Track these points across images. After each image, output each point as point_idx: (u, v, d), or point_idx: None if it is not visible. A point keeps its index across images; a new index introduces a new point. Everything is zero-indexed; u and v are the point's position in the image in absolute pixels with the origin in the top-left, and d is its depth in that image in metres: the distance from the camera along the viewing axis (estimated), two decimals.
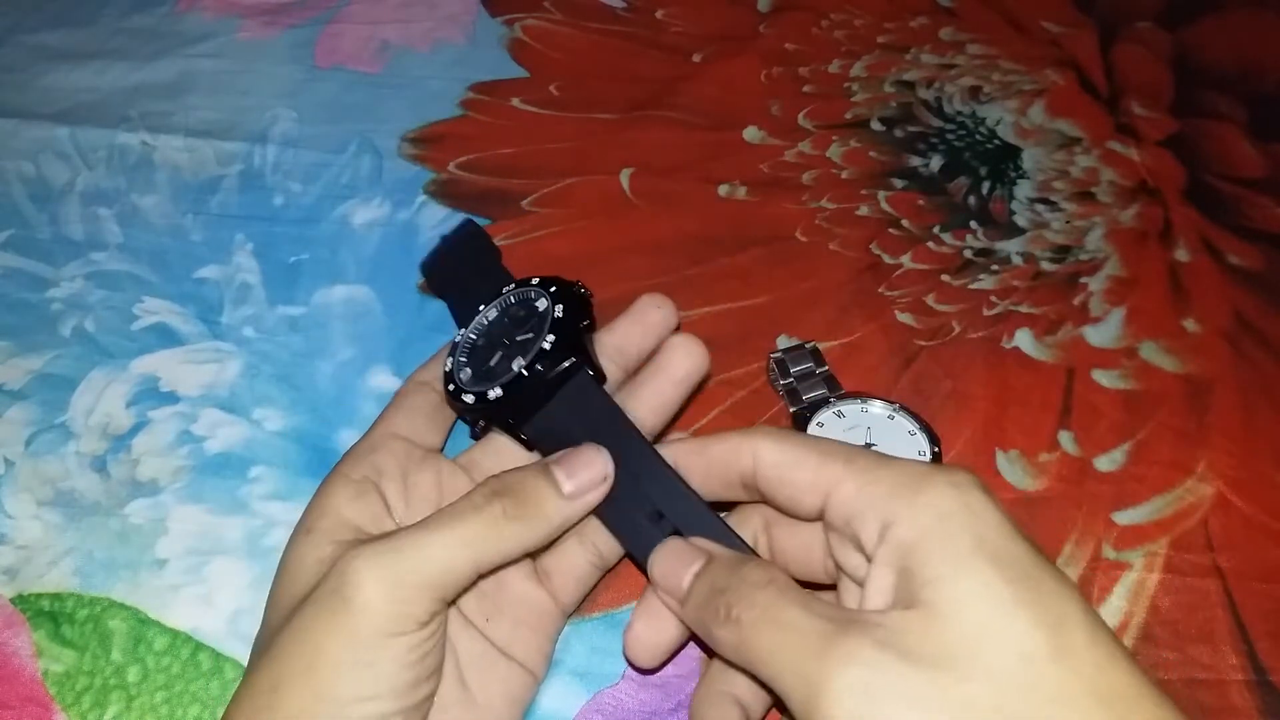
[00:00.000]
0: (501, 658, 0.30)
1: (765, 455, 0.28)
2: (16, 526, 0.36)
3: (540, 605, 0.31)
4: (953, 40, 0.55)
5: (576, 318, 0.31)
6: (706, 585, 0.26)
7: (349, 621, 0.25)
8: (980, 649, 0.22)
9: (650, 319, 0.33)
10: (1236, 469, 0.37)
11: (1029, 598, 0.22)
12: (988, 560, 0.23)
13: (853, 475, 0.26)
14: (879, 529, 0.24)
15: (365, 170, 0.48)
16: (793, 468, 0.27)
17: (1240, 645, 0.33)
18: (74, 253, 0.44)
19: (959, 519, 0.24)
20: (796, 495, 0.27)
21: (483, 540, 0.27)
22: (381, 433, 0.32)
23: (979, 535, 0.23)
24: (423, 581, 0.26)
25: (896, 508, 0.24)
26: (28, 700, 0.32)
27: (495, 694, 0.29)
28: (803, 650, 0.23)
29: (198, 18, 0.55)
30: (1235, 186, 0.48)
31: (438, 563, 0.26)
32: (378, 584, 0.26)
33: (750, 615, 0.24)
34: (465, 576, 0.27)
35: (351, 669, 0.25)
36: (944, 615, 0.22)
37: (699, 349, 0.32)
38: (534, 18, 0.56)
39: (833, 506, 0.26)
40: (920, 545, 0.23)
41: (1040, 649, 0.22)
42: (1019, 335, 0.41)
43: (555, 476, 0.28)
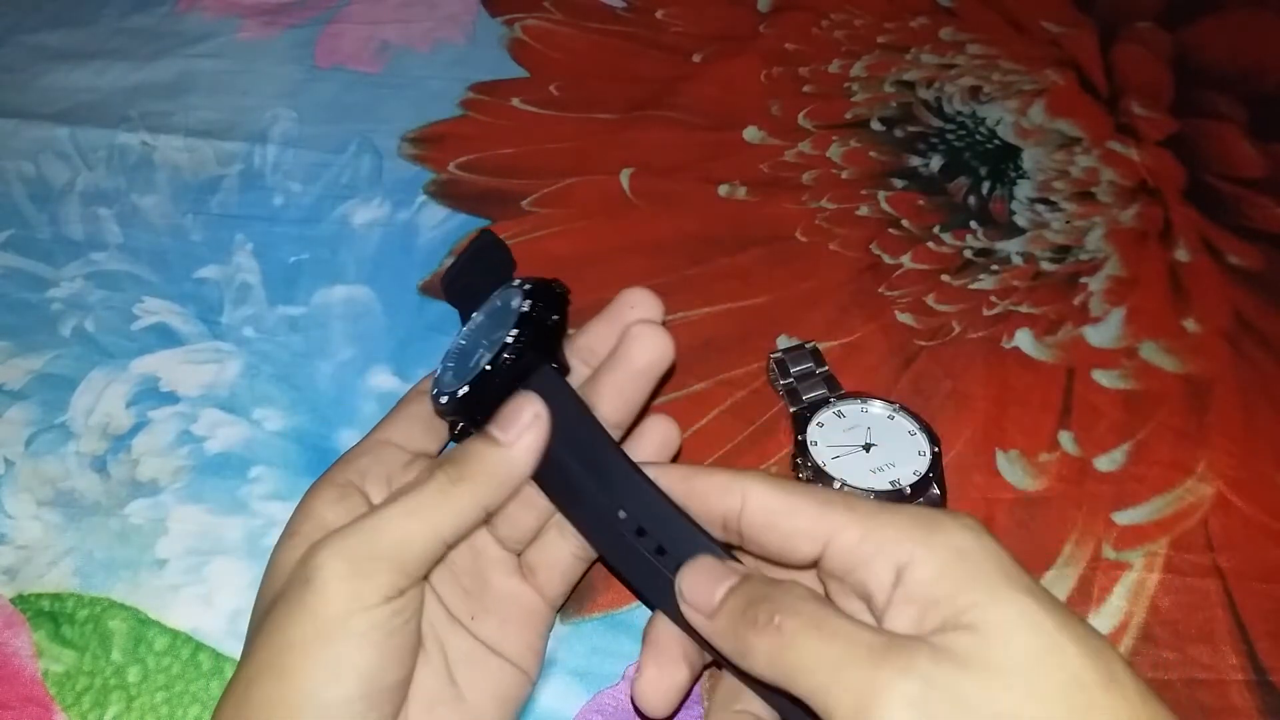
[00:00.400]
0: (491, 655, 0.30)
1: (756, 499, 0.27)
2: (16, 526, 0.36)
3: (526, 601, 0.31)
4: (953, 40, 0.55)
5: (545, 313, 0.31)
6: (744, 596, 0.25)
7: (310, 602, 0.26)
8: (1037, 669, 0.22)
9: (626, 319, 0.32)
10: (1236, 469, 0.37)
11: (1070, 627, 0.22)
12: (1021, 589, 0.23)
13: (856, 522, 0.25)
14: (893, 573, 0.24)
15: (365, 170, 0.48)
16: (788, 515, 0.26)
17: (1240, 645, 0.33)
18: (74, 253, 0.44)
19: (980, 555, 0.23)
20: (789, 543, 0.26)
21: (434, 507, 0.27)
22: (374, 439, 0.32)
23: (1004, 569, 0.23)
24: (379, 554, 0.26)
25: (911, 549, 0.24)
26: (28, 700, 0.32)
27: (485, 692, 0.29)
28: (853, 660, 0.22)
29: (198, 18, 0.55)
30: (1235, 186, 0.48)
31: (393, 534, 0.26)
32: (336, 562, 0.26)
33: (793, 623, 0.23)
34: (425, 547, 0.27)
35: (315, 652, 0.25)
36: (994, 635, 0.22)
37: (660, 336, 0.30)
38: (534, 18, 0.56)
39: (833, 555, 0.25)
40: (946, 578, 0.23)
41: (1090, 676, 0.22)
42: (1019, 335, 0.41)
43: (489, 432, 0.29)
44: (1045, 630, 0.22)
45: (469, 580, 0.30)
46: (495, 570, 0.31)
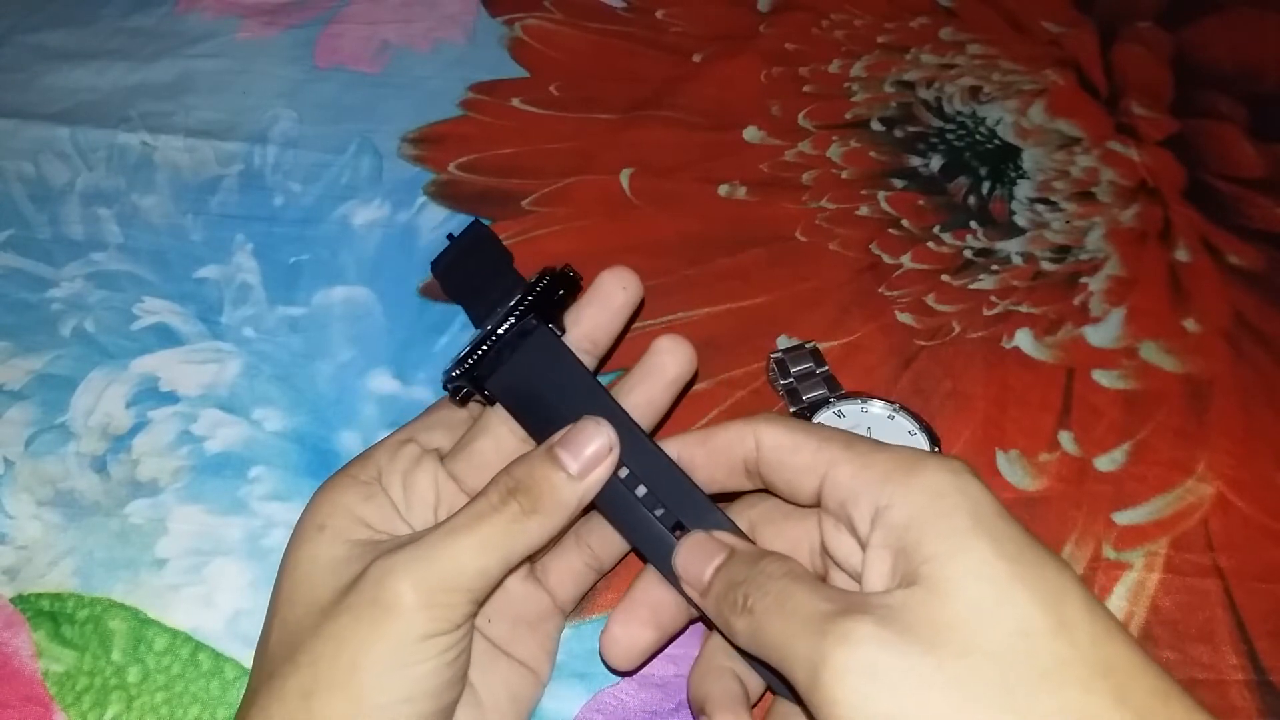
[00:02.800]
0: (503, 657, 0.30)
1: (767, 439, 0.28)
2: (16, 526, 0.36)
3: (538, 604, 0.31)
4: (953, 40, 0.55)
5: (552, 286, 0.32)
6: (726, 578, 0.27)
7: (389, 628, 0.26)
8: (979, 624, 0.22)
9: (616, 301, 0.33)
10: (1236, 469, 0.37)
11: (1026, 574, 0.23)
12: (984, 537, 0.23)
13: (849, 459, 0.26)
14: (872, 512, 0.25)
15: (365, 171, 0.48)
16: (793, 450, 0.27)
17: (1240, 645, 0.33)
18: (74, 253, 0.44)
19: (953, 498, 0.24)
20: (795, 478, 0.27)
21: (507, 538, 0.27)
22: (396, 438, 0.32)
23: (974, 514, 0.24)
24: (457, 585, 0.26)
25: (891, 490, 0.25)
26: (28, 700, 0.32)
27: (499, 693, 0.30)
28: (806, 632, 0.23)
29: (198, 18, 0.55)
30: (1235, 186, 0.48)
31: (470, 565, 0.27)
32: (414, 591, 0.26)
33: (763, 604, 0.25)
34: (495, 577, 0.27)
35: (390, 674, 0.26)
36: (942, 592, 0.23)
37: (688, 351, 0.33)
38: (534, 17, 0.56)
39: (828, 489, 0.26)
40: (915, 524, 0.24)
41: (1038, 623, 0.22)
42: (1019, 335, 0.41)
43: (561, 460, 0.28)
44: (998, 580, 0.22)
45: None
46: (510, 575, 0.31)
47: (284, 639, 0.27)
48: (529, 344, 0.31)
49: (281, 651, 0.27)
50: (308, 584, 0.28)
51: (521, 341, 0.31)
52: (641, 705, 0.32)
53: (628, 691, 0.32)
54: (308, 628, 0.27)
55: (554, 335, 0.32)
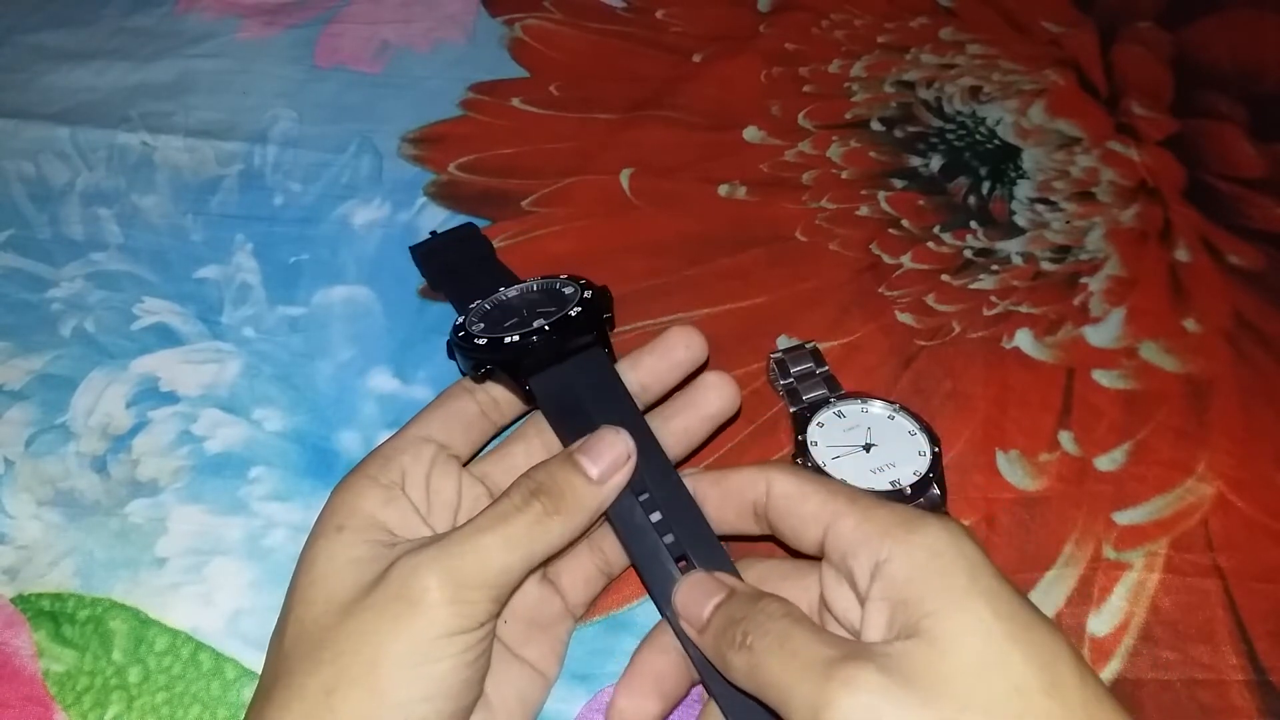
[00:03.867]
0: (515, 659, 0.30)
1: (777, 486, 0.29)
2: (17, 526, 0.36)
3: (551, 607, 0.32)
4: (953, 40, 0.55)
5: (601, 305, 0.33)
6: (725, 615, 0.27)
7: (414, 624, 0.26)
8: (977, 680, 0.23)
9: (678, 357, 0.34)
10: (1236, 469, 0.37)
11: (1020, 634, 0.24)
12: (980, 597, 0.24)
13: (852, 512, 0.27)
14: (873, 565, 0.26)
15: (365, 170, 0.48)
16: (800, 500, 0.28)
17: (1240, 645, 0.33)
18: (74, 253, 0.44)
19: (950, 557, 0.25)
20: (801, 526, 0.28)
21: (530, 538, 0.28)
22: (413, 434, 0.32)
23: (971, 573, 0.25)
24: (483, 581, 0.27)
25: (891, 545, 0.26)
26: (28, 700, 0.32)
27: (509, 695, 0.30)
28: (808, 674, 0.24)
29: (198, 18, 0.55)
30: (1235, 186, 0.48)
31: (495, 562, 0.27)
32: (441, 588, 0.26)
33: (763, 643, 0.25)
34: (519, 575, 0.28)
35: (413, 670, 0.26)
36: (942, 646, 0.23)
37: (732, 390, 0.34)
38: (534, 17, 0.56)
39: (831, 540, 0.27)
40: (915, 580, 0.25)
41: (1032, 682, 0.23)
42: (1019, 335, 0.41)
43: (581, 464, 0.29)
44: (994, 639, 0.23)
45: None
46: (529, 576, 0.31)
47: (302, 637, 0.27)
48: (583, 358, 0.32)
49: (300, 650, 0.27)
50: (327, 583, 0.28)
51: (573, 353, 0.32)
52: None
53: None
54: (328, 626, 0.27)
55: (609, 359, 0.33)
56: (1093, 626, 0.33)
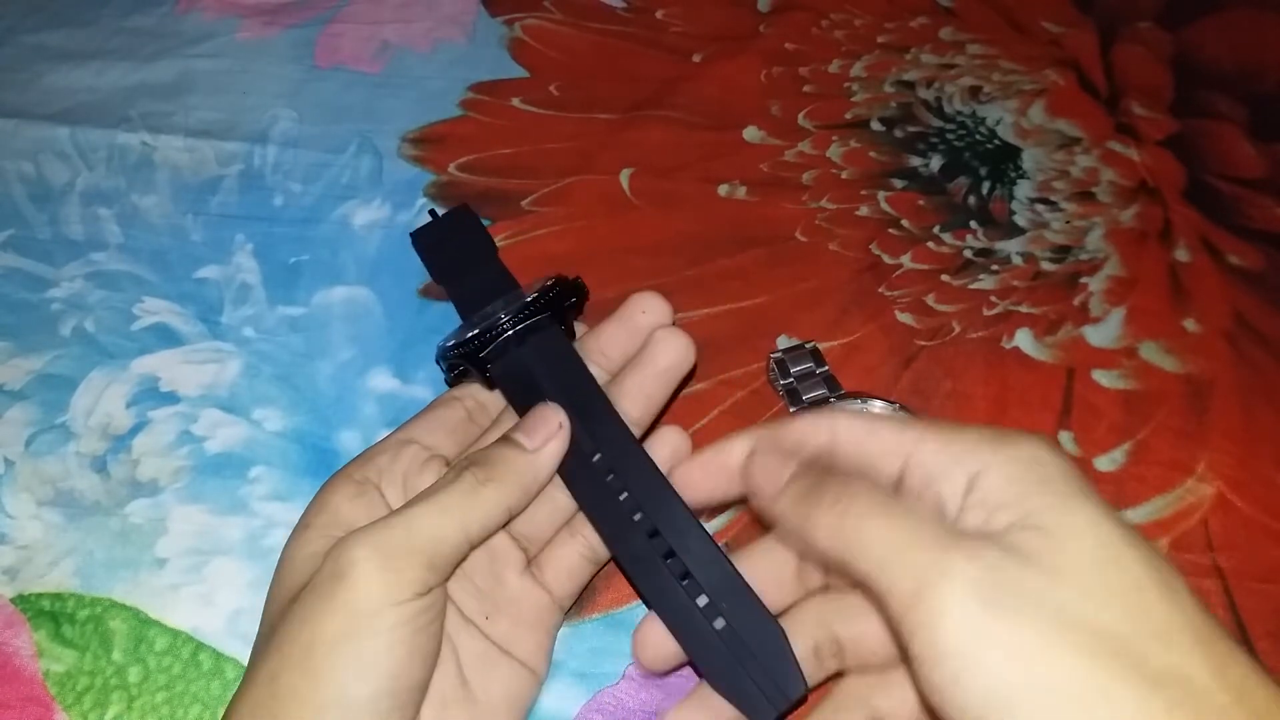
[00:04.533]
0: (502, 656, 0.30)
1: (844, 428, 0.28)
2: (17, 526, 0.36)
3: (537, 601, 0.31)
4: (953, 40, 0.55)
5: (564, 292, 0.34)
6: (810, 478, 0.26)
7: (344, 596, 0.26)
8: (1100, 571, 0.22)
9: (637, 323, 0.33)
10: (1236, 469, 0.37)
11: (1130, 537, 0.23)
12: (1088, 498, 0.23)
13: (934, 435, 0.26)
14: (967, 481, 0.24)
15: (365, 171, 0.48)
16: (872, 434, 0.27)
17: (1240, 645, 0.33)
18: (74, 253, 0.44)
19: (1051, 465, 0.24)
20: (875, 462, 0.27)
21: (463, 506, 0.28)
22: (396, 438, 0.32)
23: (1074, 480, 0.23)
24: (412, 548, 0.27)
25: (986, 457, 0.24)
26: (28, 700, 0.32)
27: (496, 693, 0.30)
28: (918, 543, 0.23)
29: (198, 18, 0.55)
30: (1235, 186, 0.48)
31: (425, 530, 0.27)
32: (369, 556, 0.26)
33: (860, 505, 0.24)
34: (453, 544, 0.27)
35: (347, 645, 0.26)
36: (1061, 537, 0.22)
37: (683, 340, 0.33)
38: (534, 17, 0.56)
39: (913, 468, 0.26)
40: (1016, 483, 0.23)
41: (1151, 584, 0.22)
42: (1019, 335, 0.41)
43: (516, 438, 0.30)
44: (1111, 538, 0.22)
45: (483, 580, 0.31)
46: (509, 570, 0.31)
47: (262, 633, 0.28)
48: (539, 338, 0.33)
49: (258, 644, 0.28)
50: (285, 580, 0.28)
51: (530, 335, 0.33)
52: (641, 705, 0.32)
53: (628, 691, 0.32)
54: (277, 615, 0.27)
55: (563, 334, 0.33)
56: None
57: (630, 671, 0.33)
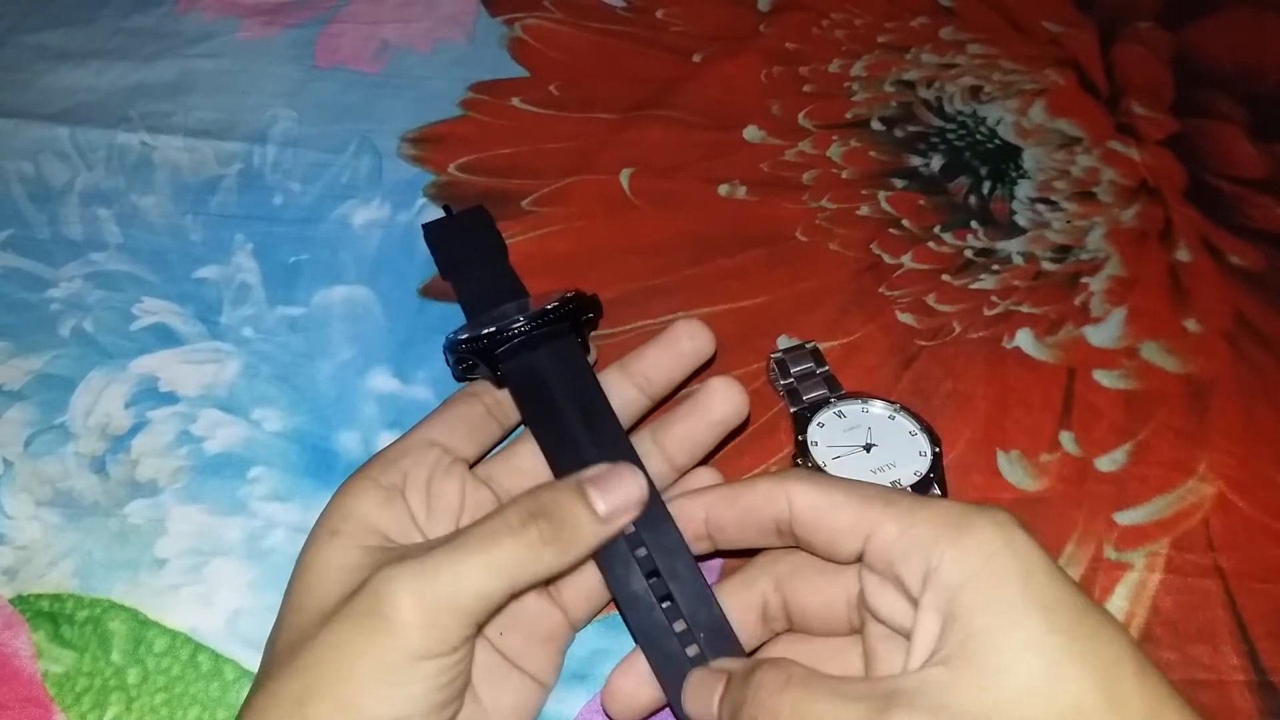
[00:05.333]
0: (513, 670, 0.30)
1: (801, 500, 0.27)
2: (16, 527, 0.36)
3: (552, 620, 0.31)
4: (953, 40, 0.55)
5: (582, 303, 0.34)
6: (730, 706, 0.26)
7: (384, 642, 0.25)
8: (1034, 704, 0.22)
9: (682, 348, 0.33)
10: (1237, 469, 0.37)
11: (1078, 647, 0.22)
12: (1035, 608, 0.23)
13: (894, 517, 0.25)
14: (924, 572, 0.24)
15: (365, 170, 0.48)
16: (831, 511, 0.26)
17: (1241, 646, 0.33)
18: (73, 253, 0.44)
19: (1004, 560, 0.23)
20: (834, 539, 0.26)
21: (518, 565, 0.27)
22: (418, 438, 0.32)
23: (1026, 578, 0.23)
24: (459, 606, 0.26)
25: (942, 549, 0.24)
26: (27, 701, 0.32)
27: (505, 705, 0.30)
28: None
29: (197, 18, 0.55)
30: (1235, 186, 0.48)
31: (474, 587, 0.26)
32: (414, 608, 0.25)
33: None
34: (499, 600, 0.27)
35: (383, 689, 0.25)
36: (995, 670, 0.22)
37: (739, 395, 0.32)
38: (534, 17, 0.56)
39: (874, 550, 0.25)
40: (967, 589, 0.23)
41: (1091, 700, 0.22)
42: (1020, 335, 0.41)
43: (590, 497, 0.28)
44: (1050, 656, 0.22)
45: None
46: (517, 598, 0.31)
47: (287, 643, 0.27)
48: (554, 345, 0.33)
49: (282, 656, 0.27)
50: (315, 590, 0.28)
51: (546, 341, 0.33)
52: None
53: None
54: (308, 634, 0.26)
55: (579, 345, 0.33)
56: None
57: None
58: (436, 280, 0.43)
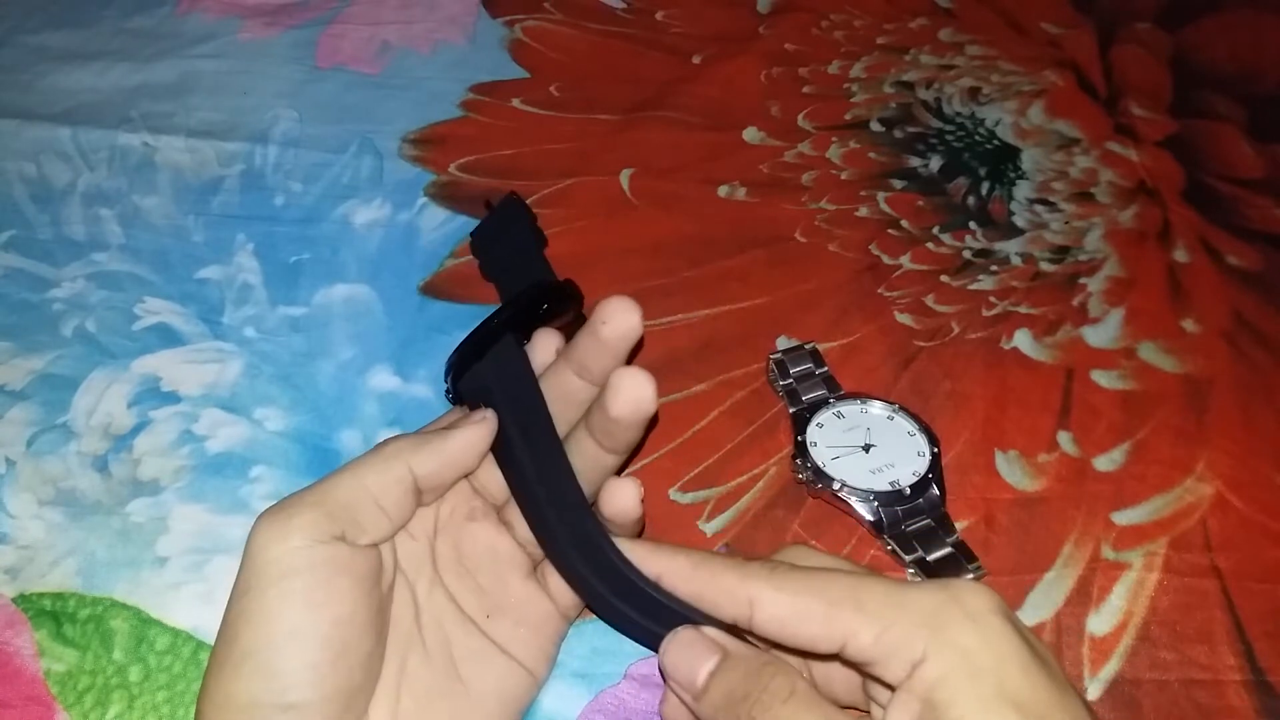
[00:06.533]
0: (500, 655, 0.30)
1: (764, 610, 0.26)
2: (18, 526, 0.36)
3: (540, 606, 0.31)
4: (952, 41, 0.55)
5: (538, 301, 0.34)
6: (725, 688, 0.26)
7: (247, 552, 0.26)
8: None
9: (601, 335, 0.30)
10: (1235, 469, 0.37)
11: None
12: (1009, 705, 0.23)
13: (866, 624, 0.25)
14: (908, 669, 0.24)
15: (366, 171, 0.48)
16: (797, 623, 0.26)
17: (1238, 645, 0.33)
18: (75, 253, 0.44)
19: (980, 658, 0.24)
20: (805, 644, 0.26)
21: (361, 464, 0.28)
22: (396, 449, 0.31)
23: (1000, 675, 0.23)
24: (302, 498, 0.27)
25: (923, 648, 0.24)
26: (30, 700, 0.32)
27: (490, 689, 0.30)
28: None
29: (199, 18, 0.56)
30: (1234, 187, 0.48)
31: (319, 486, 0.28)
32: (266, 512, 0.27)
33: None
34: (347, 492, 0.28)
35: (248, 599, 0.26)
36: None
37: (641, 385, 0.29)
38: (534, 19, 0.56)
39: (852, 655, 0.25)
40: (945, 684, 0.23)
41: None
42: (1018, 336, 0.42)
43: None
44: None
45: (485, 579, 0.31)
46: (514, 573, 0.31)
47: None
48: (496, 350, 0.32)
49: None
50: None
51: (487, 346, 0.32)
52: (644, 705, 0.32)
53: (629, 691, 0.32)
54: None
55: (517, 348, 0.32)
56: (1092, 626, 0.34)
57: (632, 671, 0.33)
58: (437, 278, 0.43)
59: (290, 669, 0.26)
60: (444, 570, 0.31)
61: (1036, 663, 0.24)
